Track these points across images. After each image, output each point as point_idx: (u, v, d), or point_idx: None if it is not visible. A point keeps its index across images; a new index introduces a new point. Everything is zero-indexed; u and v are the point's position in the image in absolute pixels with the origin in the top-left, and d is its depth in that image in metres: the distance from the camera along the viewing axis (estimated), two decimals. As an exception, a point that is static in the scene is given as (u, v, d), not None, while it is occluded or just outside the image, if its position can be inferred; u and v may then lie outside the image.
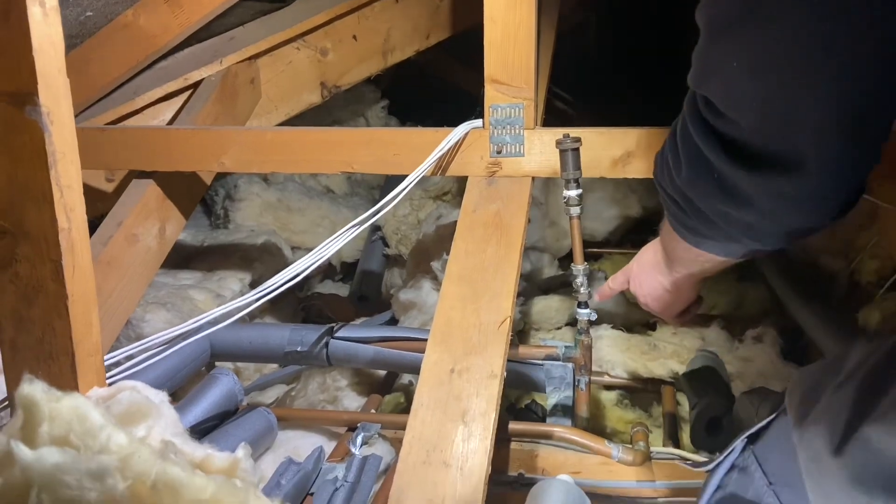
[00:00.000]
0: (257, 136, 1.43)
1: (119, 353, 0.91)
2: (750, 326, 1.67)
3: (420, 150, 1.32)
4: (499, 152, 1.33)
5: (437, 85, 2.90)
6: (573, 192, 1.21)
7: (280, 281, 1.15)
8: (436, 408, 1.01)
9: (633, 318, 1.71)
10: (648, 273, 1.02)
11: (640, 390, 1.55)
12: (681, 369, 1.48)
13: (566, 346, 1.29)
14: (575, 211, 1.22)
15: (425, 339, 1.10)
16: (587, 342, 1.27)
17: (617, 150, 1.28)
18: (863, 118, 0.51)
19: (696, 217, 0.65)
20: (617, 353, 1.56)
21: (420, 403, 1.02)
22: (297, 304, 2.04)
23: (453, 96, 2.43)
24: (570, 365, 1.31)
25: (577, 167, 1.20)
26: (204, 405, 1.20)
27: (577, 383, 1.30)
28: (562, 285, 1.81)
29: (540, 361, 1.33)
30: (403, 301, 1.62)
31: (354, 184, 2.60)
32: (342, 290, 2.20)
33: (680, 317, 1.05)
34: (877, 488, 0.47)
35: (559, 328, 1.69)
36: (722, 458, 0.65)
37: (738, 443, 0.64)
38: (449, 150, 1.32)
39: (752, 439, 0.64)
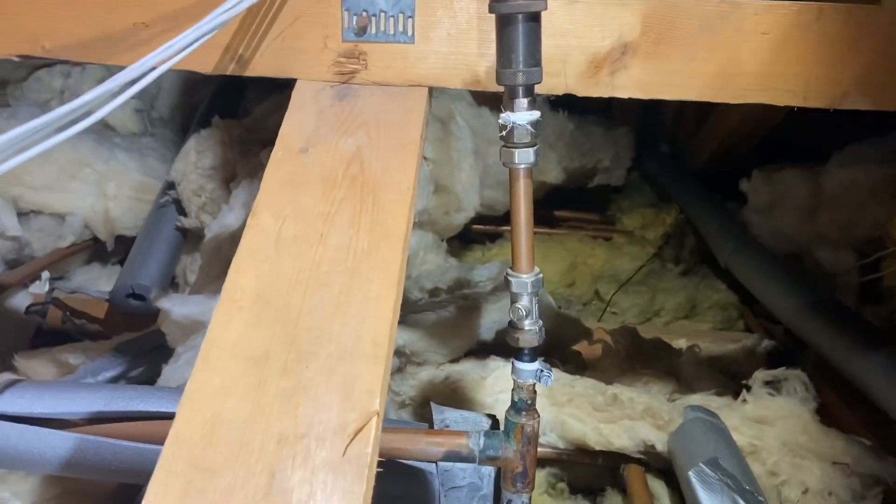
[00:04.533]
0: None
1: None
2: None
3: (186, 20, 0.60)
4: (362, 30, 0.63)
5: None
6: (524, 118, 0.55)
7: None
8: None
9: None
10: None
11: (587, 468, 0.94)
12: (658, 440, 0.88)
13: (485, 436, 0.64)
14: (525, 157, 0.56)
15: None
16: (531, 429, 0.63)
17: (604, 38, 0.63)
18: None
19: None
20: (551, 407, 0.93)
21: None
22: (24, 308, 1.24)
23: None
24: (488, 470, 0.66)
25: (534, 59, 0.54)
26: None
27: (505, 501, 0.66)
28: (458, 287, 1.16)
29: (427, 462, 0.67)
30: (180, 319, 0.89)
31: (154, 121, 1.79)
32: (115, 278, 1.41)
33: None
34: None
35: (456, 360, 1.04)
36: None
37: None
38: (243, 11, 0.61)
39: None
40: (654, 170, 1.89)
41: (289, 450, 0.42)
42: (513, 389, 0.64)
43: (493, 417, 0.73)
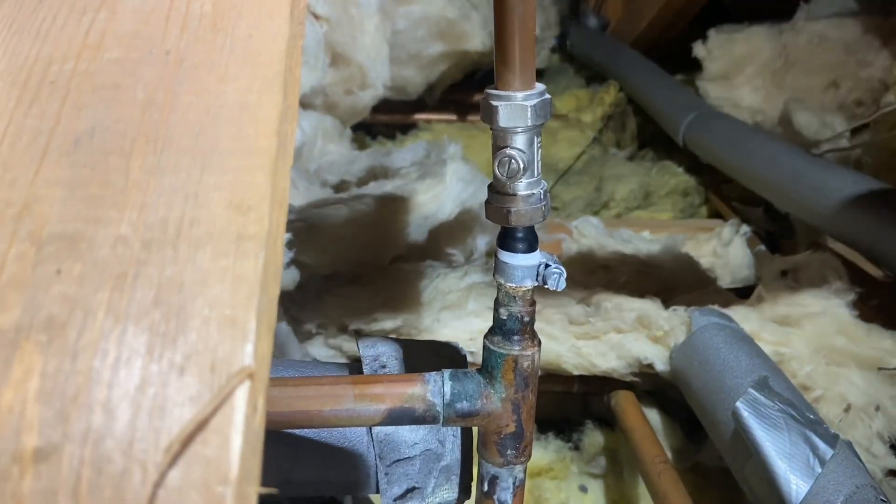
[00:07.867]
0: None
1: None
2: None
3: None
4: None
5: None
6: None
7: None
8: None
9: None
10: None
11: (559, 398, 0.72)
12: (658, 357, 0.66)
13: (452, 379, 0.39)
14: None
15: None
16: (528, 363, 0.38)
17: None
18: None
19: None
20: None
21: None
22: None
23: None
24: (451, 431, 0.42)
25: None
26: None
27: (487, 479, 0.42)
28: (373, 177, 0.88)
29: (357, 427, 0.41)
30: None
31: None
32: None
33: None
34: None
35: (381, 269, 0.78)
36: None
37: None
38: None
39: None
40: (583, 48, 1.64)
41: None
42: (496, 301, 0.38)
43: (450, 348, 0.47)
